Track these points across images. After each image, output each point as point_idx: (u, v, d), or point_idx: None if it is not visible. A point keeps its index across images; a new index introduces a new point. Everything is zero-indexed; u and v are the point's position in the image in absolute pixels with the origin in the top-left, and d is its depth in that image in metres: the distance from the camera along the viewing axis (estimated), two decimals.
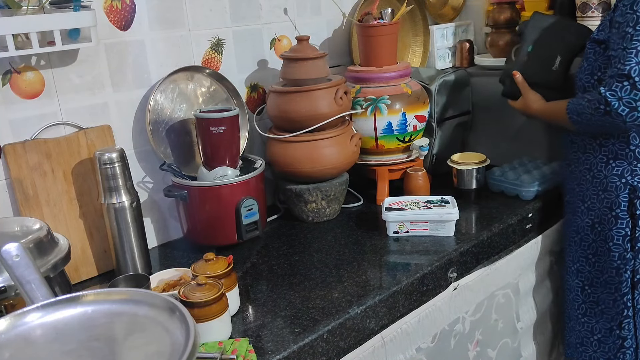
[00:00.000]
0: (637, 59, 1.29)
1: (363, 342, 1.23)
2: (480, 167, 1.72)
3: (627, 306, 1.53)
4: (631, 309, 1.53)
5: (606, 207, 1.50)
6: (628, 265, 1.49)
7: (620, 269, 1.51)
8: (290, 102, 1.56)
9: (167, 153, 1.50)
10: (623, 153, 1.45)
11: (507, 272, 1.61)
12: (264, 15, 1.69)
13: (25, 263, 0.79)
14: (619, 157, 1.46)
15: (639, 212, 1.45)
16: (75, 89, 1.36)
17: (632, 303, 1.52)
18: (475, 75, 1.96)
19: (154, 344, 0.70)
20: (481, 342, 1.57)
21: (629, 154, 1.44)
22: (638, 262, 1.49)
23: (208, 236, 1.46)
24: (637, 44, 1.30)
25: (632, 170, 1.45)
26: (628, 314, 1.54)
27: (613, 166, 1.47)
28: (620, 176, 1.46)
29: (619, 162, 1.46)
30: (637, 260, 1.49)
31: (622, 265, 1.50)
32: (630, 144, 1.44)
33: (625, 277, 1.50)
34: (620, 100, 1.30)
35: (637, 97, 1.29)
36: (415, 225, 1.49)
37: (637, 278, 1.50)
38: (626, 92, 1.29)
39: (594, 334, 1.62)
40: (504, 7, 2.08)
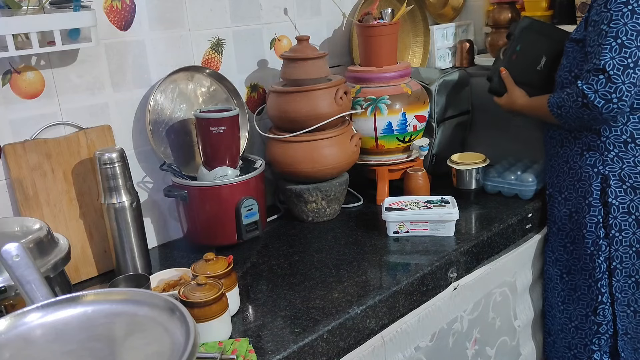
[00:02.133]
0: (611, 54, 1.37)
1: (363, 342, 1.23)
2: (480, 167, 1.72)
3: (601, 292, 1.58)
4: (606, 294, 1.58)
5: (581, 196, 1.57)
6: (601, 252, 1.55)
7: (593, 255, 1.57)
8: (290, 102, 1.56)
9: (167, 153, 1.50)
10: (595, 144, 1.52)
11: (504, 270, 1.61)
12: (264, 15, 1.69)
13: (25, 263, 0.79)
14: (591, 149, 1.53)
15: (610, 199, 1.52)
16: (75, 89, 1.37)
17: (609, 290, 1.58)
18: (475, 76, 1.96)
19: (154, 344, 0.70)
20: (479, 340, 1.57)
21: (600, 145, 1.51)
22: (613, 249, 1.54)
23: (208, 236, 1.46)
24: (611, 40, 1.37)
25: (603, 160, 1.51)
26: (603, 300, 1.58)
27: (587, 157, 1.54)
28: (592, 166, 1.53)
29: (592, 153, 1.53)
30: (612, 247, 1.54)
31: (595, 252, 1.56)
32: (602, 135, 1.50)
33: (599, 262, 1.56)
34: (596, 92, 1.38)
35: (612, 89, 1.36)
36: (415, 225, 1.49)
37: (613, 265, 1.55)
38: (601, 85, 1.37)
39: (572, 320, 1.67)
40: (504, 7, 2.08)
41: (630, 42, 1.36)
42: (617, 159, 1.50)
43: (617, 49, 1.36)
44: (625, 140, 1.49)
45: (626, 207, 1.51)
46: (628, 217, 1.51)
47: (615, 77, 1.36)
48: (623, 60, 1.36)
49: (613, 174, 1.51)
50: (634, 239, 1.52)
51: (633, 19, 1.36)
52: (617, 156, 1.50)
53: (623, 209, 1.51)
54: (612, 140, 1.50)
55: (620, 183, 1.50)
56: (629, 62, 1.36)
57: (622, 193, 1.51)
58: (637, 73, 1.36)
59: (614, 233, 1.53)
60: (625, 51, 1.36)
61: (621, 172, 1.50)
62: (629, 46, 1.36)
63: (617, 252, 1.54)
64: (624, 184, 1.50)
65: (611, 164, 1.51)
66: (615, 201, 1.51)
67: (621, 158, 1.50)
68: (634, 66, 1.36)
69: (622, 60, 1.36)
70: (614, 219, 1.52)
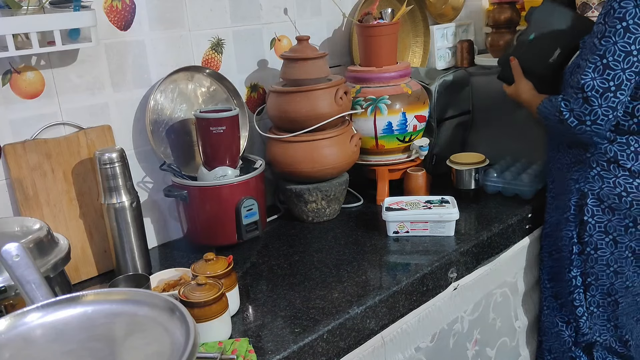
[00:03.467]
0: (593, 74, 1.31)
1: (363, 342, 1.23)
2: (480, 167, 1.72)
3: (574, 305, 1.57)
4: (580, 308, 1.57)
5: (560, 209, 1.55)
6: (576, 267, 1.53)
7: (566, 268, 1.55)
8: (290, 102, 1.56)
9: (167, 153, 1.50)
10: (581, 159, 1.49)
11: (505, 271, 1.61)
12: (264, 15, 1.69)
13: (25, 263, 0.79)
14: (578, 163, 1.49)
15: (587, 217, 1.48)
16: (75, 89, 1.37)
17: (585, 304, 1.56)
18: (476, 75, 1.96)
19: (154, 344, 0.70)
20: (480, 341, 1.57)
21: (585, 160, 1.47)
22: (589, 266, 1.52)
23: (208, 236, 1.46)
24: (597, 59, 1.31)
25: (585, 176, 1.48)
26: (577, 313, 1.58)
27: (573, 170, 1.51)
28: (575, 181, 1.50)
29: (578, 167, 1.50)
30: (587, 264, 1.52)
31: (569, 266, 1.55)
32: (587, 151, 1.46)
33: (572, 275, 1.55)
34: (571, 112, 1.35)
35: (587, 111, 1.33)
36: (415, 225, 1.49)
37: (588, 281, 1.54)
38: (577, 104, 1.34)
39: (554, 326, 1.66)
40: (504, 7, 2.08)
41: (615, 64, 1.29)
42: (598, 177, 1.46)
43: (600, 69, 1.30)
44: (608, 159, 1.44)
45: (603, 227, 1.47)
46: (605, 237, 1.48)
47: (593, 100, 1.31)
48: (604, 83, 1.30)
49: (592, 192, 1.47)
50: (611, 259, 1.49)
51: (624, 38, 1.28)
52: (599, 175, 1.45)
53: (599, 227, 1.48)
54: (596, 157, 1.45)
55: (598, 202, 1.46)
56: (610, 85, 1.30)
57: (599, 212, 1.47)
58: (618, 97, 1.31)
59: (589, 250, 1.50)
60: (608, 73, 1.30)
61: (600, 191, 1.45)
62: (613, 68, 1.29)
63: (593, 270, 1.52)
64: (602, 203, 1.46)
65: (592, 181, 1.47)
66: (592, 220, 1.48)
67: (602, 177, 1.45)
68: (615, 90, 1.30)
69: (604, 83, 1.30)
70: (590, 237, 1.49)
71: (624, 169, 1.42)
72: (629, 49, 1.28)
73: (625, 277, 1.50)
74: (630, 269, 1.49)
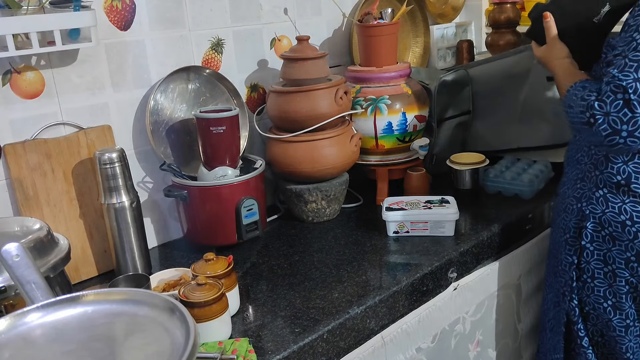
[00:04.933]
0: (636, 74, 1.08)
1: (363, 342, 1.23)
2: (480, 167, 1.72)
3: (579, 336, 1.41)
4: (586, 339, 1.41)
5: (561, 229, 1.39)
6: (573, 294, 1.38)
7: (565, 295, 1.40)
8: (290, 102, 1.56)
9: (167, 153, 1.50)
10: (589, 175, 1.31)
11: (507, 272, 1.61)
12: (264, 15, 1.69)
13: (25, 263, 0.79)
14: (584, 180, 1.32)
15: (584, 242, 1.32)
16: (75, 89, 1.36)
17: (587, 334, 1.41)
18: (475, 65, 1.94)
19: (154, 344, 0.70)
20: (482, 342, 1.57)
21: (593, 178, 1.30)
22: (585, 294, 1.37)
23: (208, 236, 1.46)
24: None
25: (589, 196, 1.30)
26: (583, 344, 1.41)
27: (577, 187, 1.34)
28: (578, 200, 1.33)
29: (582, 185, 1.33)
30: (583, 292, 1.37)
31: (566, 292, 1.39)
32: (596, 169, 1.29)
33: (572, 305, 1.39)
34: (606, 116, 1.11)
35: (626, 119, 1.09)
36: (415, 225, 1.49)
37: (586, 310, 1.39)
38: (616, 108, 1.10)
39: (556, 351, 1.48)
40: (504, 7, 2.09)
41: None
42: (603, 200, 1.27)
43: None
44: (618, 182, 1.25)
45: (602, 256, 1.31)
46: (604, 267, 1.31)
47: (635, 105, 1.07)
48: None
49: (593, 215, 1.29)
50: (609, 291, 1.32)
51: None
52: (604, 197, 1.27)
53: (598, 256, 1.31)
54: (606, 177, 1.26)
55: (599, 228, 1.29)
56: None
57: (598, 239, 1.30)
58: None
59: (586, 278, 1.35)
60: None
61: (603, 215, 1.28)
62: None
63: (589, 299, 1.36)
64: (602, 229, 1.29)
65: (595, 203, 1.29)
66: (590, 245, 1.31)
67: (607, 200, 1.27)
68: None
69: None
70: (587, 264, 1.33)
71: (634, 194, 1.23)
72: None
73: (625, 314, 1.33)
74: (632, 306, 1.32)
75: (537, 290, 1.75)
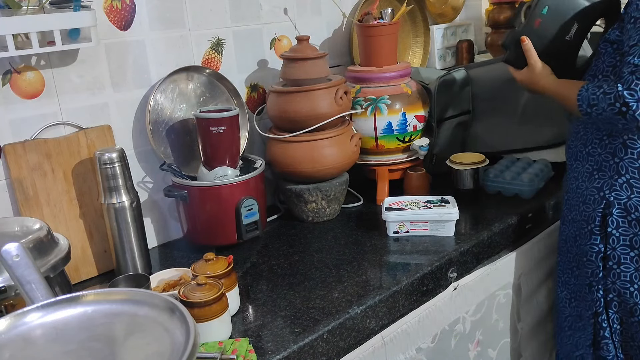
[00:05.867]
0: None
1: (363, 342, 1.23)
2: (480, 167, 1.72)
3: (602, 327, 1.44)
4: (608, 329, 1.44)
5: (584, 221, 1.42)
6: (600, 284, 1.41)
7: (592, 286, 1.43)
8: (290, 102, 1.56)
9: (167, 153, 1.50)
10: (607, 164, 1.35)
11: (507, 272, 1.61)
12: (264, 15, 1.69)
13: (25, 263, 0.79)
14: (602, 169, 1.37)
15: (610, 229, 1.36)
16: (75, 89, 1.36)
17: (608, 323, 1.44)
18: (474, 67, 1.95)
19: (154, 344, 0.70)
20: (482, 342, 1.57)
21: (612, 166, 1.34)
22: (610, 281, 1.40)
23: (208, 236, 1.46)
24: None
25: (611, 184, 1.35)
26: (605, 335, 1.44)
27: (595, 178, 1.38)
28: (599, 189, 1.37)
29: (601, 174, 1.37)
30: (608, 279, 1.40)
31: (594, 283, 1.42)
32: (615, 156, 1.33)
33: (598, 296, 1.42)
34: (639, 102, 1.16)
35: None
36: (415, 225, 1.49)
37: (610, 297, 1.42)
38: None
39: (578, 348, 1.53)
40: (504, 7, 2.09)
41: None
42: (627, 186, 1.32)
43: None
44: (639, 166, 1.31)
45: (628, 241, 1.35)
46: (630, 252, 1.35)
47: None
48: None
49: (618, 201, 1.34)
50: (636, 275, 1.36)
51: None
52: (628, 183, 1.32)
53: (624, 241, 1.35)
54: (627, 163, 1.31)
55: (625, 213, 1.33)
56: None
57: (624, 224, 1.34)
58: None
59: (612, 265, 1.38)
60: None
61: (628, 201, 1.32)
62: None
63: (614, 286, 1.39)
64: (629, 215, 1.33)
65: (619, 190, 1.33)
66: (616, 232, 1.36)
67: (631, 186, 1.32)
68: None
69: None
70: (613, 251, 1.37)
71: None
72: None
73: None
74: None
75: (537, 290, 1.75)
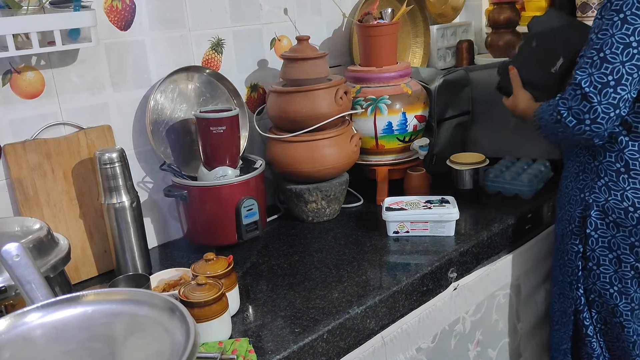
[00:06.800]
0: (590, 69, 1.22)
1: (363, 342, 1.23)
2: (480, 167, 1.72)
3: (585, 324, 1.48)
4: (591, 327, 1.47)
5: (567, 220, 1.46)
6: (580, 283, 1.45)
7: (572, 284, 1.47)
8: (290, 102, 1.56)
9: (167, 153, 1.50)
10: (589, 167, 1.39)
11: (507, 272, 1.61)
12: (264, 15, 1.69)
13: (25, 263, 0.79)
14: (585, 171, 1.40)
15: (589, 230, 1.39)
16: (75, 89, 1.37)
17: (591, 321, 1.47)
18: (475, 70, 1.95)
19: (154, 344, 0.70)
20: (482, 342, 1.57)
21: (593, 168, 1.38)
22: (590, 282, 1.43)
23: (208, 236, 1.46)
24: (594, 53, 1.22)
25: (591, 186, 1.38)
26: (588, 333, 1.48)
27: (580, 179, 1.42)
28: (581, 190, 1.41)
29: (584, 176, 1.40)
30: (589, 279, 1.44)
31: (574, 282, 1.46)
32: (595, 159, 1.37)
33: (578, 294, 1.46)
34: (569, 110, 1.25)
35: (586, 109, 1.22)
36: (415, 225, 1.49)
37: (592, 297, 1.45)
38: (576, 102, 1.23)
39: (563, 343, 1.56)
40: (504, 7, 2.09)
41: (613, 56, 1.19)
42: (605, 188, 1.36)
43: (598, 63, 1.20)
44: (618, 169, 1.33)
45: (607, 243, 1.38)
46: (609, 253, 1.39)
47: (591, 96, 1.21)
48: (602, 78, 1.20)
49: (597, 204, 1.37)
50: (615, 277, 1.39)
51: (622, 30, 1.18)
52: (606, 185, 1.35)
53: (603, 243, 1.39)
54: (605, 166, 1.35)
55: (603, 216, 1.37)
56: (608, 80, 1.20)
57: (603, 226, 1.37)
58: (619, 93, 1.20)
59: (591, 265, 1.42)
60: (606, 67, 1.20)
61: (606, 203, 1.35)
62: (611, 61, 1.19)
63: (595, 286, 1.43)
64: (606, 217, 1.36)
65: (597, 192, 1.37)
66: (594, 233, 1.39)
67: (610, 188, 1.35)
68: (615, 85, 1.19)
69: (602, 78, 1.20)
70: (592, 252, 1.41)
71: (634, 181, 1.32)
72: (628, 41, 1.19)
73: (630, 298, 1.40)
74: (637, 291, 1.39)
75: (536, 290, 1.75)
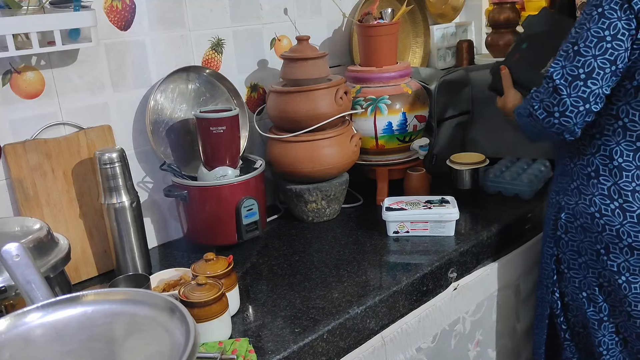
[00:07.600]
0: (563, 62, 1.19)
1: (363, 342, 1.23)
2: (480, 167, 1.72)
3: (562, 328, 1.47)
4: (568, 332, 1.47)
5: (545, 223, 1.45)
6: (555, 287, 1.44)
7: (548, 287, 1.46)
8: (290, 102, 1.56)
9: (167, 153, 1.50)
10: (566, 169, 1.37)
11: (507, 272, 1.61)
12: (264, 15, 1.69)
13: (25, 263, 0.79)
14: (563, 174, 1.38)
15: (559, 232, 1.38)
16: (75, 89, 1.37)
17: (568, 325, 1.46)
18: (475, 70, 1.95)
19: (154, 344, 0.70)
20: (481, 342, 1.57)
21: (568, 171, 1.36)
22: (564, 285, 1.42)
23: (208, 236, 1.46)
24: (569, 46, 1.20)
25: (565, 188, 1.36)
26: (566, 337, 1.47)
27: (558, 182, 1.41)
28: (557, 193, 1.39)
29: (562, 179, 1.39)
30: (562, 282, 1.42)
31: (549, 285, 1.45)
32: (571, 162, 1.35)
33: (554, 298, 1.45)
34: (541, 102, 1.23)
35: (556, 101, 1.19)
36: (415, 225, 1.49)
37: (566, 300, 1.44)
38: (547, 94, 1.21)
39: (541, 345, 1.55)
40: (504, 7, 2.09)
41: (586, 50, 1.16)
42: (577, 191, 1.33)
43: (571, 56, 1.18)
44: (588, 173, 1.31)
45: (576, 247, 1.36)
46: (578, 257, 1.36)
47: (561, 89, 1.18)
48: (574, 70, 1.17)
49: (568, 206, 1.34)
50: (584, 282, 1.37)
51: (599, 24, 1.15)
52: (577, 189, 1.33)
53: (572, 246, 1.36)
54: (578, 169, 1.33)
55: (572, 219, 1.34)
56: (579, 73, 1.17)
57: (572, 230, 1.35)
58: (589, 87, 1.16)
59: (563, 269, 1.40)
60: (578, 60, 1.17)
61: (576, 207, 1.33)
62: (584, 54, 1.16)
63: (567, 290, 1.41)
64: (575, 220, 1.34)
65: (570, 195, 1.34)
66: (564, 236, 1.37)
67: (580, 192, 1.32)
68: (585, 78, 1.16)
69: (573, 70, 1.17)
70: (563, 255, 1.39)
71: (603, 187, 1.29)
72: (602, 34, 1.15)
73: (599, 308, 1.37)
74: (607, 301, 1.35)
75: (535, 290, 1.74)
